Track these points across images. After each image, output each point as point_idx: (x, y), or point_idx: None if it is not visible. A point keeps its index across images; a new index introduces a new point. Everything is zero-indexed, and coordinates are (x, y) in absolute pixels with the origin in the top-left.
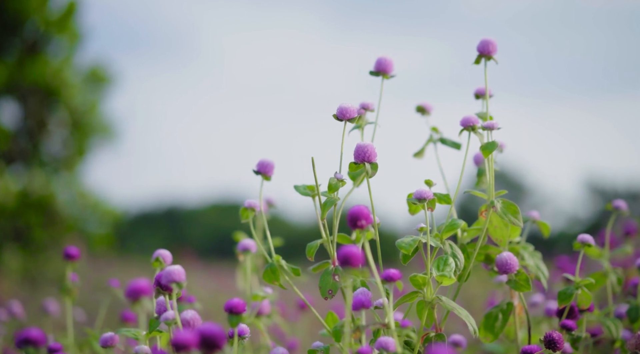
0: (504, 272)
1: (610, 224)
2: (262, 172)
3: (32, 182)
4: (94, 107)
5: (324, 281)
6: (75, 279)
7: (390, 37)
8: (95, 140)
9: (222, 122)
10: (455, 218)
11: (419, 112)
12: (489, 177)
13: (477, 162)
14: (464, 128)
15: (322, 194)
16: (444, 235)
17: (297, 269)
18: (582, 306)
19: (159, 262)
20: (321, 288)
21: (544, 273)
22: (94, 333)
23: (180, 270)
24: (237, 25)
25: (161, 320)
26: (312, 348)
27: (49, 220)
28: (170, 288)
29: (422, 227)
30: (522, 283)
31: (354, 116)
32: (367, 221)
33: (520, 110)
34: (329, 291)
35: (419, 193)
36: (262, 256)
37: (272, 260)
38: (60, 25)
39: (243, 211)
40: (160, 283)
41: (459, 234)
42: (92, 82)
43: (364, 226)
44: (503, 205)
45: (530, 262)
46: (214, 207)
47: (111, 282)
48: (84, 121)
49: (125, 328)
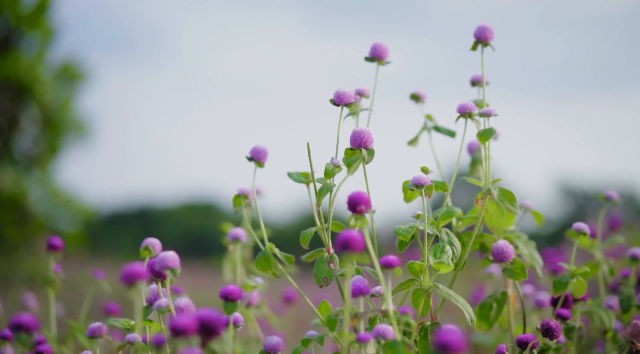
0: (500, 260)
1: (601, 215)
2: (256, 159)
3: (4, 180)
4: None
5: (319, 269)
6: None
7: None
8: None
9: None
10: (451, 206)
11: (413, 99)
12: (486, 164)
13: (470, 150)
14: (460, 115)
15: (317, 181)
16: (441, 223)
17: (291, 257)
18: (577, 296)
19: (148, 251)
20: (316, 276)
21: (538, 262)
22: (77, 325)
23: (174, 256)
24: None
25: (154, 307)
26: (306, 337)
27: (21, 218)
28: (164, 274)
29: (419, 214)
30: (518, 271)
31: (351, 100)
32: (366, 206)
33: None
34: (324, 279)
35: (417, 179)
36: (249, 247)
37: (266, 248)
38: (33, 21)
39: (236, 198)
40: (153, 269)
41: (453, 222)
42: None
43: (363, 211)
44: (500, 192)
45: (524, 251)
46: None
47: (96, 273)
48: (56, 118)
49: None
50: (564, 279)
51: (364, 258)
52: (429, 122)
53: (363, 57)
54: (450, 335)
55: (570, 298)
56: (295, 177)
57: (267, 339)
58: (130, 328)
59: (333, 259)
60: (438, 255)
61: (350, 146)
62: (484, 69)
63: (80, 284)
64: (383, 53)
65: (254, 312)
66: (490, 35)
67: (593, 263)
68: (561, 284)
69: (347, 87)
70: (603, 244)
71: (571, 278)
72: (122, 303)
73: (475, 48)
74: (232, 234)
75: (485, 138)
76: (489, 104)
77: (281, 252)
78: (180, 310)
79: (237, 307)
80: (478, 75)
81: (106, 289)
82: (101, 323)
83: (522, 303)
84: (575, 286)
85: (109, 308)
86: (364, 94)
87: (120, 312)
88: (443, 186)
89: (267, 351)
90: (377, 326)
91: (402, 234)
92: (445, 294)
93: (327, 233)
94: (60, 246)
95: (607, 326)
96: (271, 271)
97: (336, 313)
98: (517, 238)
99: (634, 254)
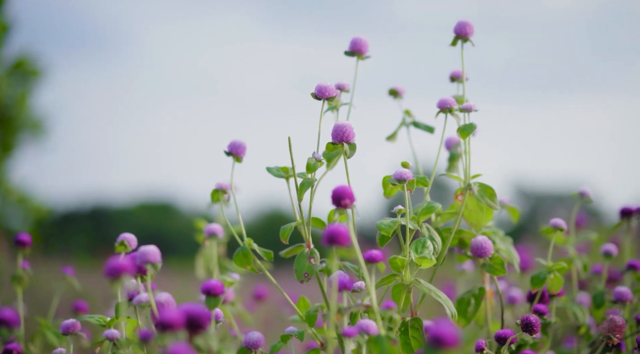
0: (479, 256)
1: (575, 210)
2: (234, 154)
3: None
4: (22, 101)
5: (300, 264)
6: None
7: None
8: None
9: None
10: (431, 201)
11: (391, 95)
12: (466, 160)
13: (448, 146)
14: (440, 110)
15: (298, 175)
16: (421, 218)
17: (270, 253)
18: (553, 291)
19: (123, 246)
20: (297, 271)
21: (515, 258)
22: (46, 323)
23: (155, 250)
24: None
25: (135, 303)
26: (286, 332)
27: None
28: (144, 269)
29: (401, 209)
30: (497, 266)
31: (333, 94)
32: (351, 200)
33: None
34: (305, 274)
35: (399, 174)
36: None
37: (244, 243)
38: None
39: (214, 193)
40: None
41: (432, 218)
42: (19, 75)
43: (348, 205)
44: (480, 188)
45: (502, 246)
46: (143, 207)
47: (65, 270)
48: (11, 116)
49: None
50: (541, 275)
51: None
52: (408, 118)
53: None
54: (444, 329)
55: (547, 294)
56: (275, 172)
57: (247, 335)
58: (106, 324)
59: (313, 254)
60: (419, 250)
61: (331, 140)
62: (464, 65)
63: (36, 285)
64: (363, 47)
65: (229, 309)
66: (470, 30)
67: (566, 259)
68: (539, 279)
69: (328, 81)
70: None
71: (548, 273)
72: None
73: (455, 43)
74: (208, 230)
75: (466, 133)
76: (468, 100)
77: (260, 248)
78: (161, 305)
79: (219, 302)
80: (457, 71)
81: (76, 287)
82: (75, 320)
83: (500, 299)
84: (552, 281)
85: (78, 305)
86: (344, 88)
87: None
88: (424, 181)
89: (248, 347)
90: (359, 321)
91: (384, 229)
92: (426, 290)
93: (307, 229)
94: (28, 242)
95: (581, 321)
96: (250, 267)
97: (315, 308)
98: (493, 234)
99: (607, 251)
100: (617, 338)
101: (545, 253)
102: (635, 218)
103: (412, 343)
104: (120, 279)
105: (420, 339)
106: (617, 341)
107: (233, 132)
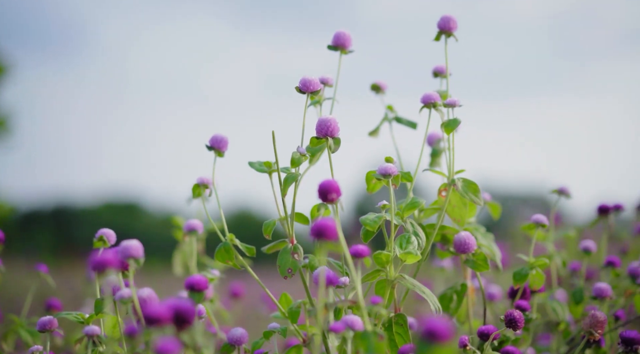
0: (462, 251)
1: (554, 208)
2: (216, 148)
3: None
4: None
5: (283, 259)
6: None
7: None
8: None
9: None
10: (415, 197)
11: (373, 90)
12: (450, 155)
13: (430, 142)
14: (424, 105)
15: (282, 170)
16: (405, 213)
17: (252, 249)
18: (534, 287)
19: (102, 242)
20: (280, 267)
21: (497, 254)
22: (20, 320)
23: (138, 245)
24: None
25: (117, 298)
26: (269, 329)
27: None
28: (126, 264)
29: (385, 204)
30: (480, 262)
31: (317, 88)
32: (337, 194)
33: (413, 110)
34: (289, 270)
35: (384, 169)
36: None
37: (226, 239)
38: None
39: (195, 187)
40: None
41: (415, 214)
42: None
43: (334, 199)
44: (464, 184)
45: (483, 242)
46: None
47: (39, 267)
48: None
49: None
50: (523, 271)
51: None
52: (390, 113)
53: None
54: (437, 323)
55: (528, 290)
56: (257, 167)
57: (231, 332)
58: (85, 321)
59: (297, 250)
60: (404, 246)
61: (316, 135)
62: (447, 60)
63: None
64: (346, 41)
65: (208, 306)
66: (454, 25)
67: (546, 256)
68: (521, 275)
69: (312, 75)
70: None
71: (530, 269)
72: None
73: (438, 38)
74: (188, 225)
75: (451, 129)
76: (451, 95)
77: (242, 244)
78: (143, 301)
79: (203, 297)
80: (441, 66)
81: (51, 284)
82: (52, 317)
83: (483, 295)
84: (534, 277)
85: (51, 303)
86: (327, 83)
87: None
88: (408, 177)
89: (232, 344)
90: (344, 317)
91: (369, 225)
92: (411, 285)
93: (290, 224)
94: (2, 238)
95: (560, 318)
96: (232, 263)
97: (298, 304)
98: (475, 230)
99: (587, 247)
100: (599, 334)
101: (515, 251)
102: (612, 215)
103: (396, 339)
104: (106, 273)
105: (404, 336)
106: (599, 336)
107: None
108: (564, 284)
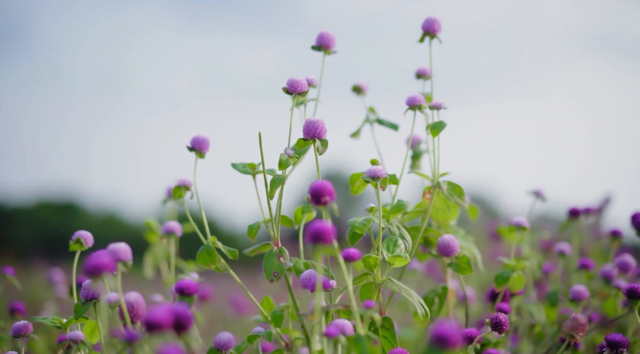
0: (446, 254)
1: (530, 211)
2: (197, 149)
3: None
4: None
5: (269, 263)
6: None
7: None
8: None
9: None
10: (401, 199)
11: (354, 91)
12: (435, 158)
13: (411, 145)
14: (409, 107)
15: (268, 172)
16: (391, 216)
17: (235, 252)
18: (515, 290)
19: (79, 244)
20: (266, 270)
21: (478, 257)
22: None
23: (126, 248)
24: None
25: (104, 303)
26: (253, 333)
27: None
28: None
29: (373, 207)
30: (463, 265)
31: (304, 89)
32: (330, 197)
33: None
34: (275, 273)
35: (373, 172)
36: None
37: (208, 242)
38: None
39: (176, 189)
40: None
41: (399, 217)
42: None
43: (327, 202)
44: (449, 186)
45: (464, 244)
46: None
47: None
48: None
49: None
50: (505, 274)
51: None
52: (372, 115)
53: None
54: (448, 328)
55: (507, 293)
56: (241, 169)
57: (217, 336)
58: (62, 326)
59: (282, 253)
60: (391, 249)
61: (303, 136)
62: (432, 62)
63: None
64: (330, 42)
65: None
66: (438, 27)
67: (522, 258)
68: (503, 278)
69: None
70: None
71: (512, 272)
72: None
73: (422, 40)
74: (166, 228)
75: (437, 131)
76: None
77: (225, 247)
78: (130, 306)
79: (194, 301)
80: (424, 68)
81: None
82: (27, 321)
83: (465, 298)
84: (514, 280)
85: (16, 306)
86: (312, 84)
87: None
88: (394, 179)
89: (218, 349)
90: (335, 321)
91: (358, 228)
92: (397, 288)
93: (275, 226)
94: None
95: (537, 320)
96: (214, 266)
97: (281, 308)
98: (455, 233)
99: (562, 250)
100: (580, 336)
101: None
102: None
103: (382, 343)
104: (102, 277)
105: (391, 339)
106: (580, 339)
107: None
108: (538, 287)
